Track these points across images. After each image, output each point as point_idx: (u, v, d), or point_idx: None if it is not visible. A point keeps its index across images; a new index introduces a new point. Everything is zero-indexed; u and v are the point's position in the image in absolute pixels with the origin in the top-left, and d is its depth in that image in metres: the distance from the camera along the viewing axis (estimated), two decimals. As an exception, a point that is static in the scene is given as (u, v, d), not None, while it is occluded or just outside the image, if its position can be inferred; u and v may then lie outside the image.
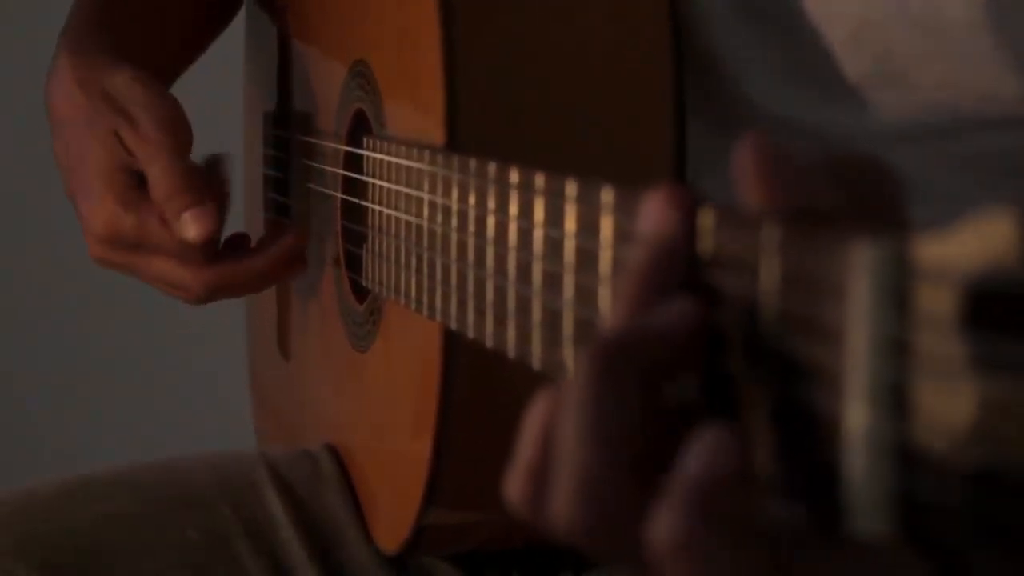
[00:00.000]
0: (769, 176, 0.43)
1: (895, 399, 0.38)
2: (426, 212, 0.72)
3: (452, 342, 0.76)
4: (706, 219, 0.46)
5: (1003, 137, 0.76)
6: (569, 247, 0.54)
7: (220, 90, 0.96)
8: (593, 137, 0.75)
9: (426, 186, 0.72)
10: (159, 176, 0.89)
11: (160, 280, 0.93)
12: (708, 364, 0.45)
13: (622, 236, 0.51)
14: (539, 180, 0.57)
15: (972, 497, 0.37)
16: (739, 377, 0.44)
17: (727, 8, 0.79)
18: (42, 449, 2.04)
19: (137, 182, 0.91)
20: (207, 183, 0.90)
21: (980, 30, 0.73)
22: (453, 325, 0.68)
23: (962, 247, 0.37)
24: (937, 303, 0.37)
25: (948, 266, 0.37)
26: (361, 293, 0.90)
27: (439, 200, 0.70)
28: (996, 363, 0.36)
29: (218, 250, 0.92)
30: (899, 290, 0.38)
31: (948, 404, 0.37)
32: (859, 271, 0.39)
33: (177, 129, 0.90)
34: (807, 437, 0.41)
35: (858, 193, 0.43)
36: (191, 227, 0.88)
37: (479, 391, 0.77)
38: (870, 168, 0.43)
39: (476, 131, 0.74)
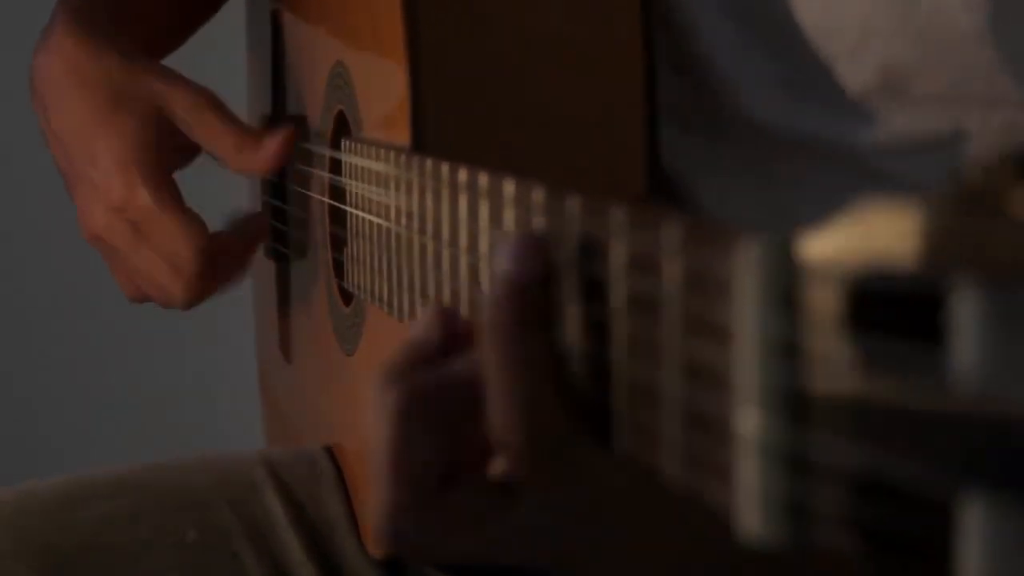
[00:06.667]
0: None
1: (785, 402, 0.38)
2: (393, 215, 0.71)
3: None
4: (617, 218, 0.45)
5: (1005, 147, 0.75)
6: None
7: (222, 94, 0.95)
8: (562, 137, 0.74)
9: (392, 189, 0.71)
10: (224, 119, 0.92)
11: (145, 275, 0.92)
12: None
13: (587, 248, 0.50)
14: (508, 187, 0.56)
15: (861, 505, 0.36)
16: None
17: (725, 19, 0.78)
18: (42, 449, 2.05)
19: (165, 165, 0.91)
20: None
21: (985, 39, 0.72)
22: None
23: (847, 243, 0.36)
24: (823, 303, 0.36)
25: (834, 264, 0.36)
26: (348, 296, 0.89)
27: (403, 204, 0.69)
28: (882, 363, 0.35)
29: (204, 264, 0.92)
30: (786, 290, 0.37)
31: (837, 407, 0.36)
32: (746, 271, 0.38)
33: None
34: (704, 439, 0.41)
35: None
36: (269, 145, 0.91)
37: None
38: None
39: (442, 132, 0.73)
